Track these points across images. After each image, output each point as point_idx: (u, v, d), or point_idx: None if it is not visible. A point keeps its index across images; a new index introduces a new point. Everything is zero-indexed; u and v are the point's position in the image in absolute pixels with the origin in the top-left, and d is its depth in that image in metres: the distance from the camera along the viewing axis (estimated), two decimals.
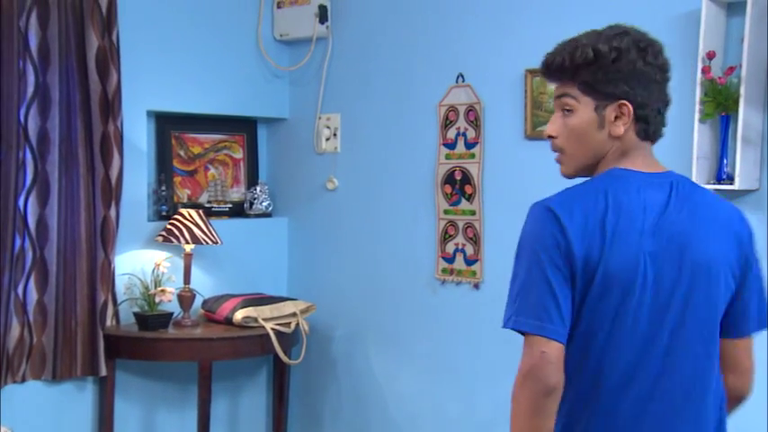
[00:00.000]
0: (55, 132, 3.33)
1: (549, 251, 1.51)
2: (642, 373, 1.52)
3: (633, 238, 1.52)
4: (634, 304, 1.51)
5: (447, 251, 3.44)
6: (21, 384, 3.32)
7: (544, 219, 1.54)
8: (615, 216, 1.52)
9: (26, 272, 3.31)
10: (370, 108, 3.75)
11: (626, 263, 1.51)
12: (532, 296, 1.52)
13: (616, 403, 1.52)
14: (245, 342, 3.54)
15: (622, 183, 1.56)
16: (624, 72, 1.55)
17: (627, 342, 1.52)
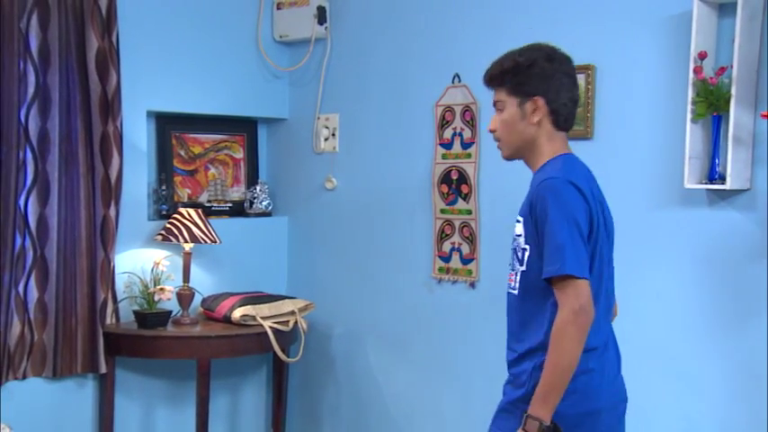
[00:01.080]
0: (55, 132, 3.36)
1: (582, 216, 1.97)
2: (607, 299, 2.11)
3: (599, 204, 2.05)
4: (606, 253, 2.07)
5: (443, 250, 3.45)
6: (22, 381, 3.36)
7: (574, 191, 1.97)
8: (593, 187, 2.07)
9: (27, 270, 3.34)
10: (368, 108, 3.77)
11: (599, 224, 2.03)
12: (575, 251, 1.93)
13: (606, 319, 2.12)
14: (244, 340, 3.56)
15: (580, 163, 2.10)
16: (535, 76, 2.06)
17: (604, 280, 2.08)
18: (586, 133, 2.99)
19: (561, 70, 2.08)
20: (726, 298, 2.73)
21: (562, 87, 2.07)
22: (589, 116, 2.98)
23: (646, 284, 2.89)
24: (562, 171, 2.01)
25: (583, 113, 2.99)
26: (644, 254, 2.90)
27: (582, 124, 2.99)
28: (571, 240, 1.93)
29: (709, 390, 2.77)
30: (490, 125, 2.18)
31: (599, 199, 2.08)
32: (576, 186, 1.97)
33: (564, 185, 1.97)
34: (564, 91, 2.07)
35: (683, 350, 2.82)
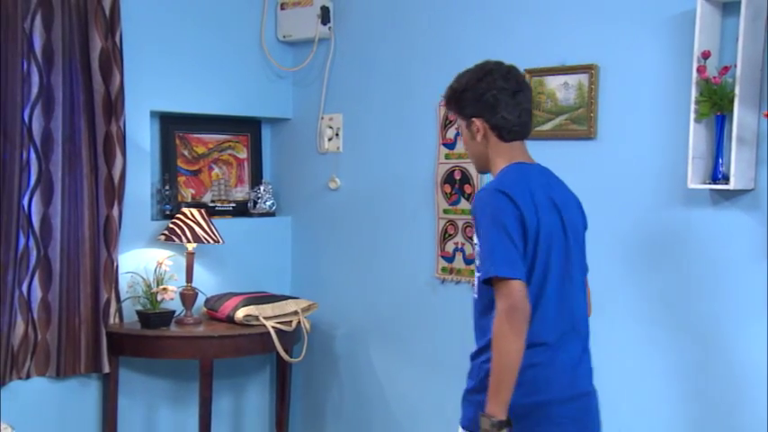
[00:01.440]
0: (58, 132, 3.36)
1: (511, 221, 2.07)
2: (560, 297, 2.16)
3: (547, 207, 2.15)
4: (555, 253, 2.14)
5: (447, 250, 3.45)
6: (26, 381, 3.36)
7: (502, 199, 2.09)
8: (536, 193, 2.14)
9: (30, 270, 3.34)
10: (372, 108, 3.77)
11: (550, 225, 2.14)
12: (504, 253, 2.04)
13: (540, 331, 2.13)
14: (247, 340, 3.55)
15: (528, 170, 2.21)
16: (469, 99, 2.21)
17: (555, 279, 2.15)
18: (590, 133, 2.98)
19: (495, 88, 2.18)
20: (730, 298, 2.71)
21: (497, 104, 2.18)
22: (592, 116, 2.97)
23: (648, 285, 2.88)
24: (496, 182, 2.16)
25: (586, 113, 2.98)
26: (647, 255, 2.89)
27: (585, 124, 2.98)
28: (500, 244, 2.05)
29: (713, 393, 2.75)
30: None
31: (551, 203, 2.17)
32: (505, 194, 2.09)
33: (491, 194, 2.11)
34: (500, 107, 2.18)
35: (687, 351, 2.80)
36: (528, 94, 2.26)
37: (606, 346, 2.95)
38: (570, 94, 3.01)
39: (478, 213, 2.12)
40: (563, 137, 3.05)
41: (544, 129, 3.09)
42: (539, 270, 2.12)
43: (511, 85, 2.21)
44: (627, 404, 2.93)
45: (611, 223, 2.95)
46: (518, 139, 2.25)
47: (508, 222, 2.07)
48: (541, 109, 3.10)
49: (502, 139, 2.23)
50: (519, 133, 2.24)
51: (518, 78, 2.25)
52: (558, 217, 2.18)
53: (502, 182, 2.16)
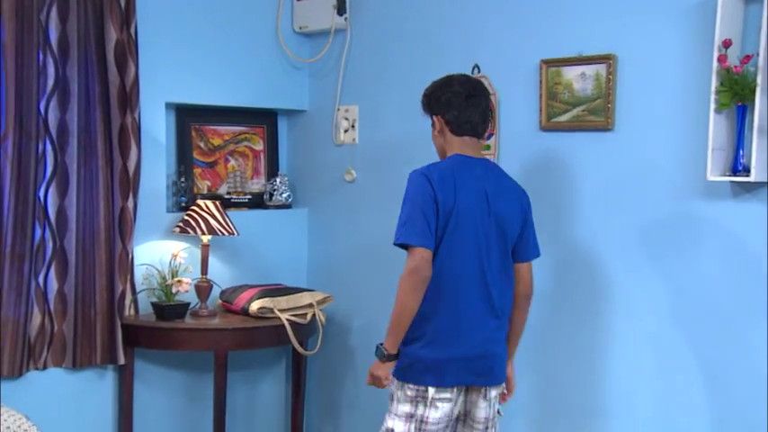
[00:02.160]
0: (74, 124, 3.36)
1: (425, 199, 2.51)
2: (467, 276, 2.55)
3: (469, 193, 2.54)
4: (469, 233, 2.53)
5: None
6: (42, 371, 3.38)
7: (422, 180, 2.55)
8: (459, 179, 2.55)
9: (47, 261, 3.35)
10: (388, 100, 3.73)
11: (467, 207, 2.53)
12: (411, 224, 2.50)
13: (454, 300, 2.56)
14: (261, 333, 3.54)
15: (465, 161, 2.61)
16: (432, 101, 2.69)
17: (465, 255, 2.54)
18: (607, 124, 2.93)
19: (450, 91, 2.65)
20: (750, 292, 2.65)
21: (450, 105, 2.64)
22: (610, 107, 2.92)
23: (667, 279, 2.83)
24: (427, 167, 2.61)
25: (603, 104, 2.93)
26: (665, 248, 2.84)
27: (602, 115, 2.93)
28: (409, 217, 2.51)
29: (735, 387, 2.70)
30: None
31: (482, 193, 2.58)
32: (426, 176, 2.54)
33: (415, 176, 2.58)
34: (452, 107, 2.64)
35: (708, 346, 2.76)
36: (482, 100, 2.67)
37: (625, 339, 2.91)
38: (587, 85, 2.96)
39: (406, 190, 2.58)
40: (580, 128, 3.00)
41: (561, 120, 3.05)
42: (445, 246, 2.53)
43: (465, 89, 2.65)
44: (646, 397, 2.88)
45: (628, 216, 2.91)
46: (469, 135, 2.65)
47: (422, 200, 2.50)
48: (558, 100, 3.05)
49: (454, 133, 2.67)
50: (470, 130, 2.65)
51: (474, 86, 2.69)
52: (486, 206, 2.57)
53: (430, 168, 2.60)
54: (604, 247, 2.96)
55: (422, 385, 2.56)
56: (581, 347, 3.05)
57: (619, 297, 2.93)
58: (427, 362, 2.55)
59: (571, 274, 3.06)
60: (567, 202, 3.06)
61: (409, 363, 2.58)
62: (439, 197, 2.52)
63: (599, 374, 2.99)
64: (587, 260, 3.01)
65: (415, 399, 2.56)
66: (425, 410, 2.56)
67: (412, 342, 2.58)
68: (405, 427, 2.57)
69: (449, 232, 2.52)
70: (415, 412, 2.56)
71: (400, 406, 2.58)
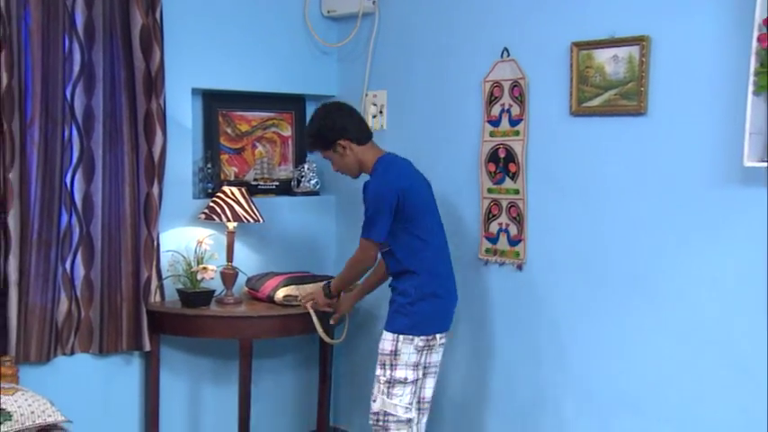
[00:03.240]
0: (99, 110, 3.37)
1: (389, 202, 3.03)
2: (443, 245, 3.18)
3: (421, 181, 3.18)
4: (436, 214, 3.17)
5: (491, 231, 3.37)
6: (69, 357, 3.41)
7: (386, 189, 3.06)
8: (410, 174, 3.16)
9: (73, 248, 3.37)
10: (416, 85, 3.70)
11: (424, 193, 3.15)
12: (377, 224, 3.06)
13: (436, 265, 3.12)
14: (287, 321, 3.53)
15: (393, 159, 3.20)
16: (327, 134, 3.18)
17: (434, 236, 3.12)
18: (640, 108, 2.85)
19: (336, 115, 3.19)
20: None
21: (345, 125, 3.15)
22: (643, 90, 2.84)
23: (702, 268, 2.76)
24: (380, 174, 3.15)
25: (636, 88, 2.85)
26: (700, 235, 2.76)
27: (635, 99, 2.85)
28: (377, 218, 3.07)
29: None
30: (332, 168, 3.32)
31: (421, 177, 3.21)
32: (389, 185, 3.12)
33: (379, 185, 3.15)
34: (347, 126, 3.15)
35: (740, 338, 2.68)
36: (353, 110, 3.24)
37: (656, 330, 2.84)
38: (620, 68, 2.89)
39: (368, 196, 3.05)
40: (612, 113, 2.93)
41: (592, 104, 2.98)
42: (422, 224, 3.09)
43: (341, 107, 3.21)
44: (675, 391, 2.81)
45: (662, 203, 2.84)
46: (371, 139, 3.18)
47: (387, 204, 3.01)
48: (589, 84, 2.98)
49: (360, 144, 3.14)
50: (369, 135, 3.18)
51: (344, 105, 3.26)
52: (427, 187, 3.17)
53: (386, 174, 3.08)
54: (636, 235, 2.90)
55: (431, 334, 3.04)
56: (609, 339, 3.00)
57: (650, 286, 2.86)
58: (434, 314, 3.06)
59: (601, 263, 3.00)
60: (598, 189, 3.00)
61: (419, 319, 3.03)
62: (404, 194, 3.06)
63: (627, 367, 2.94)
64: (618, 249, 2.95)
65: (423, 348, 3.04)
66: (428, 357, 3.08)
67: (420, 300, 3.03)
68: (414, 374, 3.03)
69: (428, 215, 3.12)
70: (421, 360, 3.05)
71: (411, 357, 3.02)
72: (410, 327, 3.02)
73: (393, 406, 3.03)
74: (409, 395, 3.04)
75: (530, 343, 3.24)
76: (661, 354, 2.84)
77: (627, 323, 2.93)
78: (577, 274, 3.05)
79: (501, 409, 3.38)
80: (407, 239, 3.06)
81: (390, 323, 3.07)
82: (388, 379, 3.03)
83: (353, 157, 3.15)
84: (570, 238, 3.06)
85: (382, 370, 3.05)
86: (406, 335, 3.01)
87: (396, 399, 3.03)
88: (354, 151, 3.14)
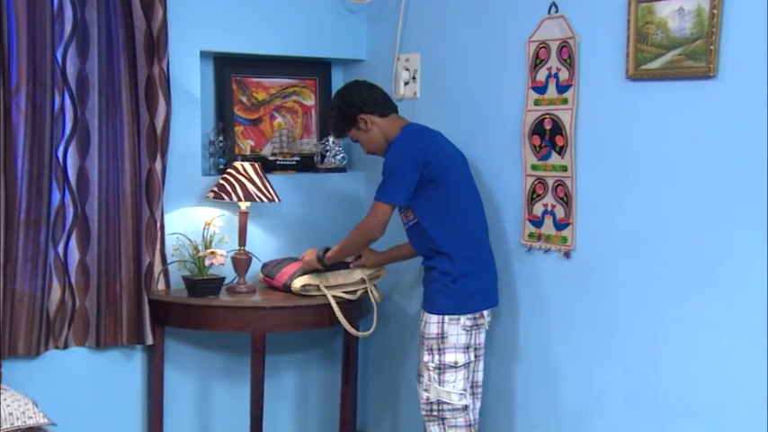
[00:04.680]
0: (95, 75, 3.28)
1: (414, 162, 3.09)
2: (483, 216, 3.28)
3: (453, 152, 3.26)
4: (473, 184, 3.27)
5: (535, 213, 3.24)
6: (63, 351, 3.34)
7: (412, 147, 3.13)
8: (438, 142, 3.23)
9: (66, 229, 3.30)
10: (452, 47, 3.57)
11: (455, 162, 3.23)
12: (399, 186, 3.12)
13: (476, 236, 3.20)
14: (306, 312, 3.41)
15: (426, 128, 3.29)
16: (347, 110, 3.27)
17: (471, 205, 3.21)
18: (708, 71, 2.68)
19: (355, 92, 3.29)
20: None
21: (367, 100, 3.25)
22: (713, 49, 2.66)
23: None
24: (413, 135, 3.22)
25: (704, 46, 2.66)
26: None
27: (703, 60, 2.68)
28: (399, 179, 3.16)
29: None
30: (364, 151, 3.42)
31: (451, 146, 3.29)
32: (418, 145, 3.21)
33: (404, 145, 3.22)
34: (371, 100, 3.25)
35: None
36: (373, 85, 3.31)
37: (724, 328, 2.72)
38: (686, 24, 2.71)
39: (388, 157, 3.10)
40: (675, 76, 2.77)
41: (651, 67, 2.81)
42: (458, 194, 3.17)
43: (362, 85, 3.29)
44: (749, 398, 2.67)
45: (734, 182, 2.67)
46: (394, 113, 3.27)
47: (410, 163, 3.05)
48: (649, 42, 2.81)
49: (383, 116, 3.21)
50: (392, 107, 3.27)
51: (362, 81, 3.33)
52: (462, 157, 3.27)
53: (410, 135, 3.15)
54: (704, 218, 2.74)
55: (477, 311, 3.09)
56: (670, 338, 2.85)
57: (720, 278, 2.71)
58: (479, 289, 3.11)
59: (662, 251, 2.85)
60: (658, 165, 2.85)
61: (464, 296, 3.06)
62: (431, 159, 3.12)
63: (692, 369, 2.79)
64: (682, 234, 2.80)
65: (471, 328, 3.08)
66: (476, 337, 3.12)
67: (463, 277, 3.06)
68: (465, 357, 3.07)
69: (463, 182, 3.18)
70: (471, 341, 3.09)
71: (460, 338, 3.06)
72: (455, 306, 3.06)
73: (447, 393, 3.07)
74: (462, 380, 3.07)
75: (578, 341, 3.12)
76: (732, 356, 2.69)
77: (692, 320, 2.79)
78: (634, 263, 2.91)
79: (544, 417, 3.27)
80: (438, 208, 3.08)
81: (432, 304, 3.10)
82: (437, 365, 3.06)
83: (378, 131, 3.21)
84: (626, 221, 2.93)
85: (430, 355, 3.08)
86: (452, 315, 3.05)
87: (448, 385, 3.06)
88: (378, 124, 3.20)
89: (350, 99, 3.22)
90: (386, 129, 3.20)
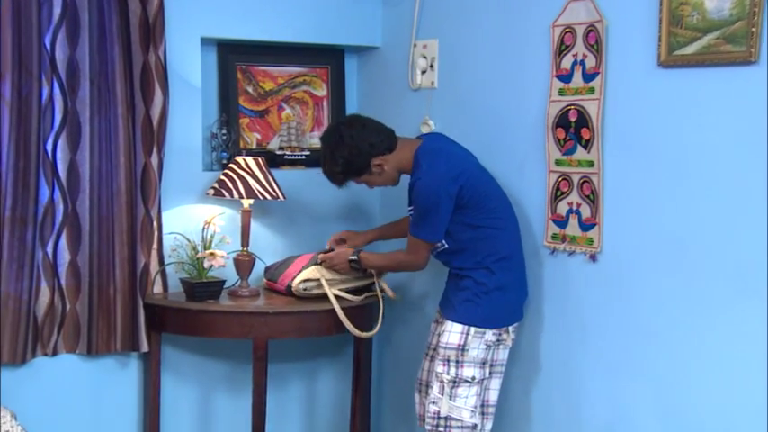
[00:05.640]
0: (86, 63, 3.24)
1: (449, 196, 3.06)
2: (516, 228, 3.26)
3: (475, 166, 3.22)
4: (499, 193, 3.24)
5: (558, 212, 3.19)
6: (52, 358, 3.31)
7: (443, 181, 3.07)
8: (463, 161, 3.19)
9: (56, 228, 3.27)
10: (473, 33, 3.54)
11: (482, 178, 3.18)
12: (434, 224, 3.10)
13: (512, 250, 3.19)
14: (310, 318, 3.37)
15: (439, 143, 3.26)
16: (356, 160, 3.17)
17: (505, 218, 3.19)
18: (749, 56, 2.61)
19: (354, 137, 3.14)
20: None
21: (368, 137, 3.14)
22: (754, 32, 2.58)
23: None
24: (443, 164, 3.12)
25: (745, 28, 2.60)
26: None
27: (743, 44, 2.60)
28: (435, 217, 3.12)
29: None
30: None
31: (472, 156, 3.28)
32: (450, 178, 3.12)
33: (439, 182, 3.12)
34: (372, 142, 3.13)
35: None
36: (361, 118, 3.24)
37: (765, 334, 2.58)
38: (724, 4, 2.64)
39: (420, 195, 3.04)
40: (712, 62, 2.70)
41: (686, 52, 2.75)
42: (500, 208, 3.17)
43: (355, 125, 3.16)
44: None
45: None
46: (396, 139, 3.19)
47: (444, 198, 3.03)
48: (683, 25, 2.75)
49: (392, 150, 3.15)
50: (394, 134, 3.19)
51: (351, 120, 3.27)
52: (479, 164, 3.22)
53: (434, 166, 3.06)
54: (742, 217, 2.67)
55: (504, 326, 3.09)
56: (707, 351, 2.79)
57: (759, 285, 2.63)
58: (509, 304, 3.12)
59: (698, 254, 2.79)
60: (694, 160, 2.79)
61: (493, 310, 3.07)
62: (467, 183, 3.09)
63: (730, 384, 2.72)
64: (720, 236, 2.74)
65: (494, 343, 3.09)
66: (496, 353, 3.12)
67: (497, 290, 3.06)
68: (481, 372, 3.07)
69: (493, 196, 3.15)
70: (488, 357, 3.09)
71: (480, 353, 3.05)
72: (484, 318, 3.05)
73: (457, 409, 3.04)
74: (475, 397, 3.06)
75: (605, 353, 3.07)
76: None
77: (731, 332, 2.72)
78: (666, 268, 2.86)
79: (565, 428, 3.22)
80: (472, 231, 3.08)
81: (460, 313, 3.07)
82: (453, 378, 3.04)
83: (392, 169, 3.17)
84: (657, 221, 2.87)
85: (446, 367, 3.05)
86: (478, 327, 3.04)
87: (460, 401, 3.05)
88: (391, 162, 3.15)
89: (356, 149, 3.11)
90: (398, 162, 3.15)
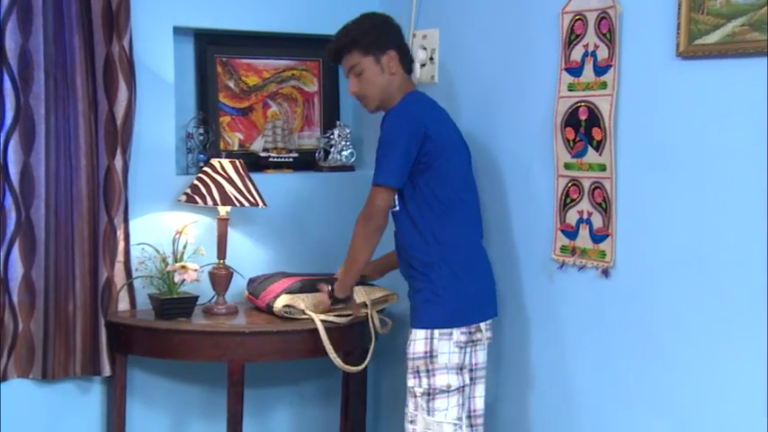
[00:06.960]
0: (40, 54, 3.22)
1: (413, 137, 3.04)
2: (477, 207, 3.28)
3: (455, 133, 3.21)
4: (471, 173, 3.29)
5: (568, 222, 3.15)
6: (2, 383, 3.27)
7: (412, 119, 3.06)
8: (441, 118, 3.16)
9: (8, 238, 3.24)
10: (475, 22, 3.54)
11: (456, 144, 3.18)
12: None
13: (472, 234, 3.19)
14: (292, 338, 3.32)
15: (432, 100, 3.22)
16: (383, 34, 3.16)
17: (470, 197, 3.20)
18: None
19: (396, 27, 3.22)
20: None
21: (401, 37, 3.20)
22: None
23: None
24: (417, 106, 3.09)
25: None
26: None
27: (765, 32, 2.54)
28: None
29: None
30: (351, 89, 3.21)
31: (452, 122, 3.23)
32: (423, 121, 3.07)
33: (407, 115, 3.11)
34: (403, 39, 3.21)
35: None
36: None
37: None
38: None
39: (385, 129, 3.02)
40: (736, 52, 2.62)
41: (708, 41, 2.68)
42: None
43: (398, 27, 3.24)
44: None
45: None
46: (409, 73, 3.25)
47: (407, 138, 3.01)
48: (705, 11, 2.69)
49: (405, 70, 3.18)
50: (410, 67, 3.25)
51: None
52: (465, 144, 3.22)
53: (410, 105, 3.08)
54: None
55: (474, 323, 3.01)
56: (731, 378, 2.73)
57: None
58: (475, 297, 3.03)
59: (721, 269, 2.74)
60: (716, 161, 2.74)
61: (457, 305, 2.99)
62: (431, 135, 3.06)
63: (758, 412, 2.65)
64: (746, 249, 2.68)
65: (466, 344, 3.00)
66: (473, 356, 3.04)
67: (455, 282, 2.99)
68: (459, 379, 2.98)
69: (462, 170, 3.14)
70: (465, 361, 3.01)
71: (452, 357, 2.96)
72: (447, 317, 2.99)
73: (438, 425, 2.97)
74: (456, 408, 2.99)
75: (618, 378, 3.03)
76: None
77: (758, 356, 2.66)
78: (686, 284, 2.81)
79: None
80: (429, 196, 3.02)
81: (419, 318, 3.03)
82: (425, 390, 2.98)
83: (386, 80, 3.12)
84: (676, 232, 2.83)
85: (416, 379, 3.00)
86: (443, 328, 2.98)
87: (439, 414, 2.97)
88: (397, 74, 3.14)
89: (390, 28, 3.17)
90: (396, 84, 3.13)
